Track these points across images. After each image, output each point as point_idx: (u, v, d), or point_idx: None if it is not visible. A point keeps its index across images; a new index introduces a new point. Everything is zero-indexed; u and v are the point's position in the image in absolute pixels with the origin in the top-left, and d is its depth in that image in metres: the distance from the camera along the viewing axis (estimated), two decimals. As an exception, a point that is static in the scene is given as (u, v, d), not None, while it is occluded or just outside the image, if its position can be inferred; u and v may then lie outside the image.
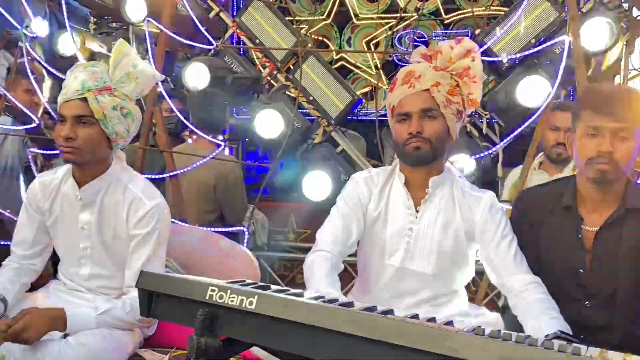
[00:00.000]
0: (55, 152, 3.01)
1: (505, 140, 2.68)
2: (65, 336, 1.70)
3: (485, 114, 4.11)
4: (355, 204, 1.80)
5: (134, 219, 1.83)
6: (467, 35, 4.76)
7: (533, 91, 3.34)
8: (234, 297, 1.02)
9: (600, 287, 1.68)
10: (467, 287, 1.92)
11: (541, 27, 3.65)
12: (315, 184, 3.68)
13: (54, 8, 4.57)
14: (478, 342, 0.82)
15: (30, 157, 2.96)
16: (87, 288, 1.90)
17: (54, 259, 2.05)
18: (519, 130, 2.65)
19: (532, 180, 2.68)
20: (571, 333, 1.43)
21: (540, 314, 1.55)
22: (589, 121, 1.61)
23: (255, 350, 1.69)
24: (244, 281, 1.17)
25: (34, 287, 2.00)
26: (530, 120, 2.55)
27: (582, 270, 1.69)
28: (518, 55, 3.46)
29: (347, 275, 1.80)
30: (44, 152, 3.05)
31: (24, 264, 1.91)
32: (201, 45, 3.77)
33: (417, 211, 1.77)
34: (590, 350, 0.94)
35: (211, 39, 3.68)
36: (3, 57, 3.96)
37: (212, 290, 1.05)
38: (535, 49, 3.45)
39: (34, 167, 2.97)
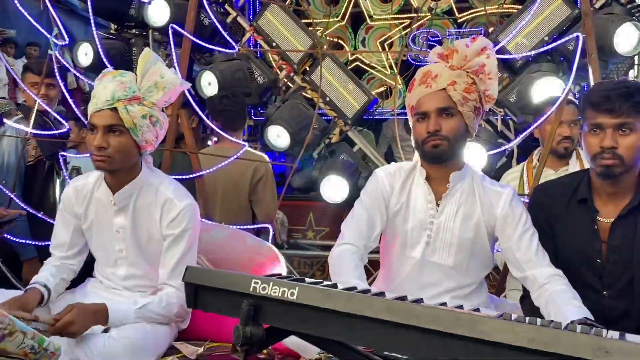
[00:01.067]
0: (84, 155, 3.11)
1: (519, 137, 2.72)
2: (106, 330, 1.79)
3: (500, 111, 4.16)
4: (377, 198, 1.87)
5: (166, 219, 1.91)
6: (481, 34, 4.81)
7: (547, 90, 3.39)
8: (276, 289, 1.10)
9: (618, 277, 1.74)
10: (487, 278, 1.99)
11: (554, 24, 3.70)
12: (333, 187, 3.77)
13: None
14: (507, 326, 0.89)
15: (61, 159, 3.05)
16: (123, 287, 1.99)
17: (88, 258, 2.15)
18: (535, 126, 2.70)
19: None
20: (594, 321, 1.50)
21: (564, 304, 1.61)
22: (591, 119, 1.69)
23: (287, 341, 1.77)
24: (280, 274, 1.25)
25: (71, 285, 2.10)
26: (545, 117, 2.59)
27: (599, 261, 1.75)
28: (532, 52, 3.51)
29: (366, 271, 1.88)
30: (77, 155, 3.16)
31: (64, 263, 2.02)
32: (224, 50, 3.86)
33: (437, 205, 1.84)
34: (611, 333, 1.01)
35: (233, 43, 3.76)
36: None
37: (256, 283, 1.13)
38: (549, 47, 3.50)
39: (65, 171, 3.07)
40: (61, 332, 1.66)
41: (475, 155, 3.28)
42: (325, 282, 1.19)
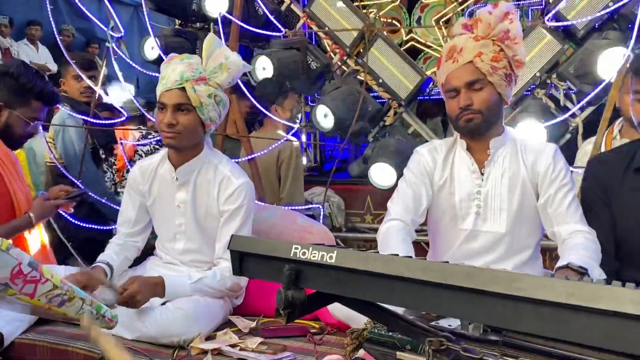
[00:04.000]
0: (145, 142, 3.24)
1: (576, 107, 2.61)
2: (164, 304, 1.87)
3: (562, 85, 3.99)
4: (422, 174, 1.87)
5: (223, 196, 1.99)
6: (541, 4, 4.61)
7: (611, 60, 3.22)
8: (315, 253, 1.11)
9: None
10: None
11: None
12: (380, 172, 3.76)
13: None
14: (545, 282, 0.86)
15: (122, 145, 3.20)
16: (181, 261, 2.09)
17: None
18: (590, 96, 2.58)
19: None
20: (602, 277, 1.47)
21: (568, 251, 1.60)
22: (634, 85, 1.65)
23: (336, 312, 1.79)
24: (323, 244, 1.27)
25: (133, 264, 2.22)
26: (602, 85, 2.47)
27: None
28: (593, 16, 3.32)
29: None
30: (138, 143, 3.30)
31: (128, 241, 2.14)
32: (270, 33, 3.90)
33: (482, 174, 1.82)
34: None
35: (280, 27, 3.79)
36: None
37: (296, 249, 1.14)
38: (609, 9, 3.31)
39: (126, 155, 3.22)
40: (127, 301, 1.76)
41: (533, 131, 3.18)
42: (368, 251, 1.20)
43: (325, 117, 3.96)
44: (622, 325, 0.78)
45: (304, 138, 4.64)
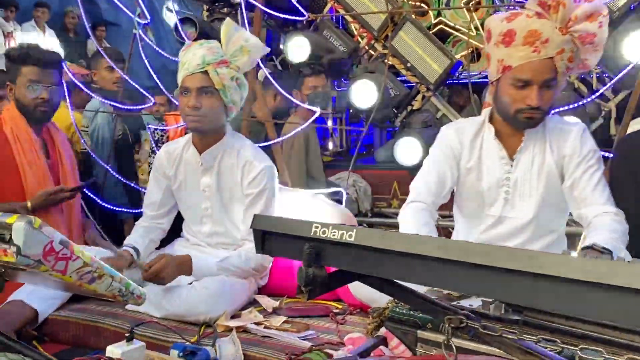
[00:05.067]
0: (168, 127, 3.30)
1: (597, 93, 2.55)
2: (190, 283, 1.92)
3: (596, 69, 3.89)
4: (447, 155, 1.84)
5: (247, 180, 2.03)
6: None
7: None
8: (335, 232, 1.13)
9: None
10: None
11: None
12: (407, 149, 3.74)
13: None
14: (562, 260, 0.86)
15: (150, 131, 3.27)
16: (207, 243, 2.13)
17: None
18: (615, 80, 2.52)
19: None
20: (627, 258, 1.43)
21: (595, 234, 1.56)
22: None
23: (358, 294, 1.81)
24: (344, 224, 1.28)
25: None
26: (628, 68, 2.41)
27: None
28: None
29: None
30: (162, 128, 3.37)
31: (153, 223, 2.18)
32: (294, 18, 3.90)
33: (512, 160, 1.78)
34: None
35: (303, 11, 3.78)
36: None
37: (316, 227, 1.16)
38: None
39: (152, 140, 3.28)
40: (153, 277, 1.81)
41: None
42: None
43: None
44: (637, 301, 0.78)
45: (330, 123, 4.63)
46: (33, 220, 1.14)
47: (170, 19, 3.66)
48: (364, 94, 3.86)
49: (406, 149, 3.70)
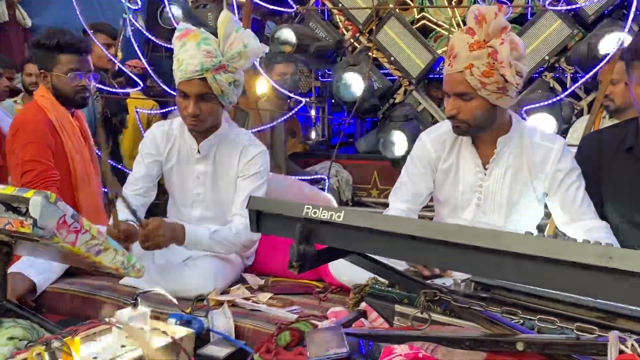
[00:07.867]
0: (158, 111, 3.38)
1: (568, 90, 2.70)
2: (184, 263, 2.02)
3: (570, 69, 4.07)
4: (424, 166, 1.91)
5: (242, 163, 2.11)
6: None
7: (613, 46, 3.29)
8: (325, 213, 1.24)
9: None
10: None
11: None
12: (392, 142, 3.88)
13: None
14: (527, 240, 0.99)
15: (137, 114, 3.34)
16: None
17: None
18: (584, 80, 2.66)
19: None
20: None
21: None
22: (637, 68, 1.67)
23: (340, 276, 1.94)
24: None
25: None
26: (597, 68, 2.56)
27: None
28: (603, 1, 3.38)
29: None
30: (149, 112, 3.44)
31: (136, 195, 2.13)
32: (283, 9, 3.99)
33: (485, 168, 1.85)
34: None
35: (292, 3, 3.88)
36: None
37: (308, 208, 1.28)
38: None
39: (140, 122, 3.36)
40: (149, 235, 1.84)
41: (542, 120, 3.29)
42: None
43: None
44: (587, 275, 0.91)
45: (312, 112, 4.75)
46: (49, 195, 1.24)
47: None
48: (349, 85, 3.98)
49: (392, 143, 3.84)
